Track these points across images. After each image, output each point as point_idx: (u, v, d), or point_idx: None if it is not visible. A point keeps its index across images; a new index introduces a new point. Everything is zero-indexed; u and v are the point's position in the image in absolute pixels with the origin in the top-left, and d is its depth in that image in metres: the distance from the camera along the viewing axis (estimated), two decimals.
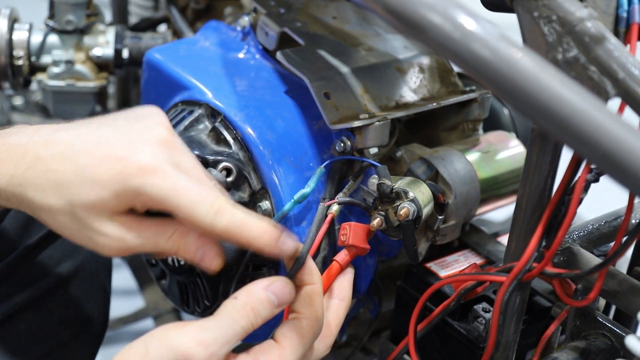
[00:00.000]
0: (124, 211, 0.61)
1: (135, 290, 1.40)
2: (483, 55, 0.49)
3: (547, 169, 0.63)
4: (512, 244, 0.67)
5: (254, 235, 0.60)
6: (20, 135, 0.63)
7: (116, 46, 1.16)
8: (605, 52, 0.55)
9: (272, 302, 0.60)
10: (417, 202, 0.73)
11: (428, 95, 0.84)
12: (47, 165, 0.61)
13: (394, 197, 0.73)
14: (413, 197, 0.72)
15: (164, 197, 0.59)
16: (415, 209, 0.72)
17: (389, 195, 0.73)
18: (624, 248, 0.61)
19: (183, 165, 0.62)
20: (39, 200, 0.61)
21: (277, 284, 0.60)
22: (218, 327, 0.57)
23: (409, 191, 0.73)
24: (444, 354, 0.81)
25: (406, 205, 0.72)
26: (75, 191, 0.60)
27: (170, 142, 0.62)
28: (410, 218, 0.71)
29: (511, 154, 0.87)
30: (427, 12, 0.50)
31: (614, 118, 0.48)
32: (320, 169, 0.75)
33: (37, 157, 0.61)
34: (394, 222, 0.73)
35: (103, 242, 0.61)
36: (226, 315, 0.58)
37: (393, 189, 0.73)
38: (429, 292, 0.73)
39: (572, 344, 0.72)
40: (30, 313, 0.80)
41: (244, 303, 0.59)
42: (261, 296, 0.59)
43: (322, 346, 0.65)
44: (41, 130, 0.63)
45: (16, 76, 1.14)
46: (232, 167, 0.77)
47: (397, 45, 0.87)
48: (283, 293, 0.60)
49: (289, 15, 0.88)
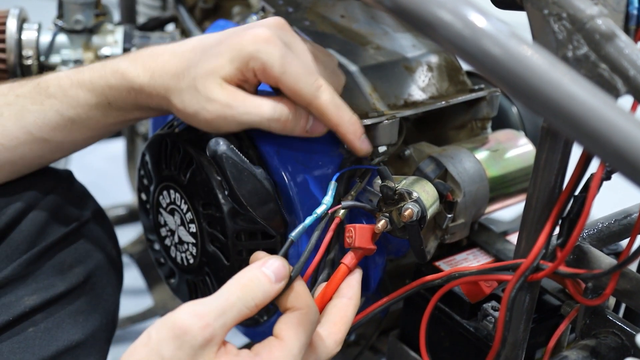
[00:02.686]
0: (236, 81, 0.71)
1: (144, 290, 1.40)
2: (493, 52, 0.49)
3: (557, 167, 0.63)
4: (522, 242, 0.67)
5: (345, 120, 0.72)
6: (159, 45, 0.76)
7: (124, 46, 1.16)
8: (615, 50, 0.55)
9: (268, 276, 0.61)
10: (421, 202, 0.72)
11: (437, 93, 0.84)
12: (182, 56, 0.73)
13: (397, 199, 0.73)
14: (417, 197, 0.72)
15: (274, 64, 0.69)
16: (419, 209, 0.72)
17: (392, 196, 0.73)
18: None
19: (294, 47, 0.72)
20: (173, 85, 0.72)
21: (271, 261, 0.62)
22: (212, 299, 0.58)
23: (413, 191, 0.72)
24: (453, 352, 0.81)
25: (410, 206, 0.71)
26: (199, 67, 0.71)
27: (284, 25, 0.73)
28: (414, 219, 0.71)
29: (520, 153, 0.87)
30: (438, 10, 0.50)
31: (625, 115, 0.47)
32: (334, 183, 0.75)
33: (173, 53, 0.74)
34: (398, 223, 0.73)
35: (212, 108, 0.70)
36: (221, 290, 0.59)
37: (396, 190, 0.73)
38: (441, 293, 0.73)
39: (582, 343, 0.72)
40: (39, 316, 0.80)
41: (238, 278, 0.60)
42: (255, 271, 0.61)
43: (332, 343, 0.65)
44: (174, 42, 0.76)
45: (25, 76, 1.15)
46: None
47: (406, 43, 0.87)
48: (278, 267, 0.62)
49: (297, 14, 0.88)
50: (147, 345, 0.56)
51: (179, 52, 0.74)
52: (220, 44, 0.71)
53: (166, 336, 0.56)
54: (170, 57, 0.74)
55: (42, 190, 0.83)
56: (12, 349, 0.77)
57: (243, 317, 0.59)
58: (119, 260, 0.92)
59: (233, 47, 0.70)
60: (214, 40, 0.73)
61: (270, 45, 0.69)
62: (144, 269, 1.40)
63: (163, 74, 0.73)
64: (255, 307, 0.60)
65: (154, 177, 0.84)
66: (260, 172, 0.71)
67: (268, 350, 0.59)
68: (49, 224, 0.82)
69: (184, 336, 0.55)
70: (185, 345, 0.55)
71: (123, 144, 1.52)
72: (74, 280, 0.83)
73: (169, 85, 0.73)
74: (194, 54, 0.73)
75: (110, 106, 0.76)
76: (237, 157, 0.69)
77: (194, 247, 0.81)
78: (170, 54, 0.74)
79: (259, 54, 0.69)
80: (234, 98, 0.71)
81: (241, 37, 0.70)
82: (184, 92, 0.72)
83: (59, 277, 0.82)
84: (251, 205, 0.70)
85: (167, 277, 0.89)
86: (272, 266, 0.61)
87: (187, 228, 0.81)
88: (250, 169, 0.70)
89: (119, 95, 0.75)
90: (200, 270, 0.81)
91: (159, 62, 0.74)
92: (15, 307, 0.78)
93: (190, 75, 0.71)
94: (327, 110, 0.71)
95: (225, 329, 0.57)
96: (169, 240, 0.85)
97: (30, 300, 0.79)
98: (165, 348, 0.55)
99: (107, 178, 1.77)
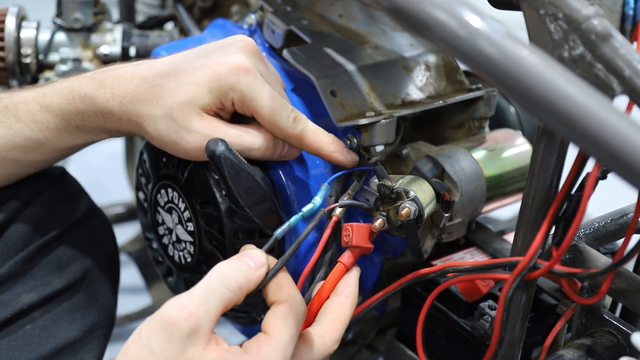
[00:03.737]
0: (214, 111, 0.71)
1: (142, 288, 1.40)
2: (489, 53, 0.49)
3: (553, 167, 0.63)
4: (518, 242, 0.67)
5: (324, 142, 0.74)
6: (125, 66, 0.74)
7: (123, 44, 1.16)
8: (611, 50, 0.55)
9: (246, 262, 0.62)
10: (418, 201, 0.72)
11: (434, 93, 0.84)
12: (153, 82, 0.72)
13: (394, 198, 0.73)
14: (414, 196, 0.72)
15: (253, 96, 0.70)
16: (416, 208, 0.72)
17: (390, 195, 0.73)
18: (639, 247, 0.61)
19: (266, 76, 0.73)
20: (146, 112, 0.72)
21: (249, 251, 0.64)
22: (195, 289, 0.59)
23: (410, 190, 0.73)
24: (450, 351, 0.81)
25: (407, 205, 0.71)
26: (174, 95, 0.70)
27: (257, 51, 0.73)
28: (411, 218, 0.71)
29: (517, 152, 0.87)
30: (433, 10, 0.50)
31: (620, 115, 0.47)
32: (326, 185, 0.75)
33: (143, 78, 0.72)
34: (395, 222, 0.73)
35: (192, 139, 0.71)
36: (203, 279, 0.60)
37: (393, 189, 0.73)
38: (437, 291, 0.73)
39: (578, 342, 0.72)
40: (37, 313, 0.80)
41: (218, 265, 0.61)
42: (234, 259, 0.63)
43: (329, 341, 0.66)
44: (143, 61, 0.75)
45: (24, 74, 1.15)
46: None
47: (404, 43, 0.87)
48: (255, 254, 0.64)
49: (295, 13, 0.89)
50: (139, 341, 0.57)
51: (150, 78, 0.72)
52: (196, 71, 0.71)
53: (155, 331, 0.56)
54: (140, 83, 0.72)
55: (36, 188, 0.83)
56: (10, 346, 0.78)
57: (227, 301, 0.59)
58: (115, 255, 0.92)
59: (212, 77, 0.70)
60: (187, 65, 0.72)
61: (250, 77, 0.70)
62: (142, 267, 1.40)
63: (134, 100, 0.72)
64: (239, 289, 0.60)
65: (151, 176, 0.84)
66: (257, 173, 0.72)
67: (257, 347, 0.59)
68: (45, 221, 0.82)
69: (170, 328, 0.56)
70: (174, 337, 0.56)
71: (122, 143, 1.52)
72: (71, 277, 0.83)
73: (140, 113, 0.72)
74: (167, 80, 0.71)
75: (79, 129, 0.77)
76: (235, 158, 0.69)
77: (192, 246, 0.81)
78: (140, 80, 0.72)
79: (240, 86, 0.70)
80: (214, 129, 0.71)
81: (220, 66, 0.70)
82: (158, 120, 0.71)
83: (56, 274, 0.82)
84: (248, 204, 0.71)
85: (165, 275, 0.89)
86: (250, 255, 0.64)
87: (184, 226, 0.81)
88: (248, 169, 0.70)
89: (88, 120, 0.76)
90: (197, 268, 0.81)
91: (129, 88, 0.73)
92: (13, 305, 0.79)
93: (165, 103, 0.71)
94: (306, 140, 0.73)
95: (209, 316, 0.58)
96: (167, 238, 0.85)
97: (28, 298, 0.80)
98: (155, 343, 0.56)
99: (106, 176, 1.77)
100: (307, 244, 0.78)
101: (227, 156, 0.69)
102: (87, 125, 0.76)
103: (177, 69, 0.72)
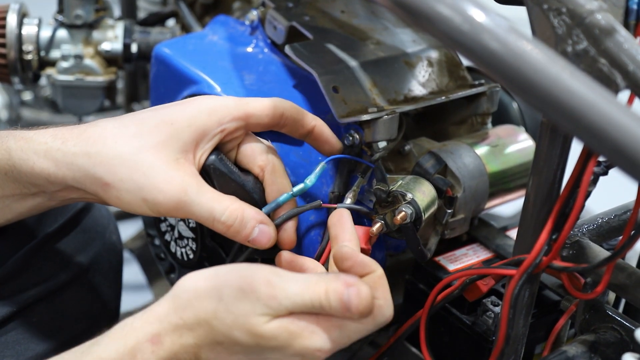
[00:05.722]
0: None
1: (144, 285, 1.41)
2: (492, 47, 0.49)
3: (557, 162, 0.63)
4: (521, 238, 0.67)
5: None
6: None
7: (125, 41, 1.16)
8: (615, 45, 0.55)
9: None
10: (416, 204, 0.72)
11: (437, 89, 0.84)
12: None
13: (391, 201, 0.73)
14: (411, 199, 0.72)
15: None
16: (412, 211, 0.71)
17: (386, 199, 0.73)
18: (632, 241, 0.60)
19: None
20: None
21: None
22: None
23: (407, 193, 0.72)
24: (451, 347, 0.81)
25: (403, 209, 0.71)
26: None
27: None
28: (408, 221, 0.71)
29: (520, 148, 0.87)
30: (436, 4, 0.50)
31: (624, 110, 0.47)
32: (323, 164, 0.75)
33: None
34: (393, 226, 0.73)
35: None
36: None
37: (390, 193, 0.72)
38: (440, 286, 0.73)
39: (581, 338, 0.72)
40: (42, 306, 0.81)
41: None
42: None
43: (388, 310, 0.65)
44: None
45: (25, 71, 1.15)
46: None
47: (406, 39, 0.87)
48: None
49: (297, 9, 0.88)
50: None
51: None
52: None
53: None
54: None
55: None
56: (17, 339, 0.78)
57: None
58: (119, 245, 0.93)
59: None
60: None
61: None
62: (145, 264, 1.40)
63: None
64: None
65: None
66: (248, 183, 0.72)
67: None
68: (47, 214, 0.82)
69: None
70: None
71: None
72: (76, 269, 0.83)
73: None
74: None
75: (44, 194, 0.72)
76: (225, 168, 0.71)
77: (194, 242, 0.81)
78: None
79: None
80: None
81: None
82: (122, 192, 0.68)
83: (61, 266, 0.82)
84: None
85: (167, 272, 0.89)
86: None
87: (186, 223, 0.81)
88: (238, 179, 0.72)
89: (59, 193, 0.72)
90: (200, 265, 0.81)
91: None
92: (20, 298, 0.79)
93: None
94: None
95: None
96: (169, 235, 0.85)
97: (34, 291, 0.80)
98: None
99: None
100: (306, 226, 0.78)
101: (216, 167, 0.70)
102: (57, 198, 0.72)
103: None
